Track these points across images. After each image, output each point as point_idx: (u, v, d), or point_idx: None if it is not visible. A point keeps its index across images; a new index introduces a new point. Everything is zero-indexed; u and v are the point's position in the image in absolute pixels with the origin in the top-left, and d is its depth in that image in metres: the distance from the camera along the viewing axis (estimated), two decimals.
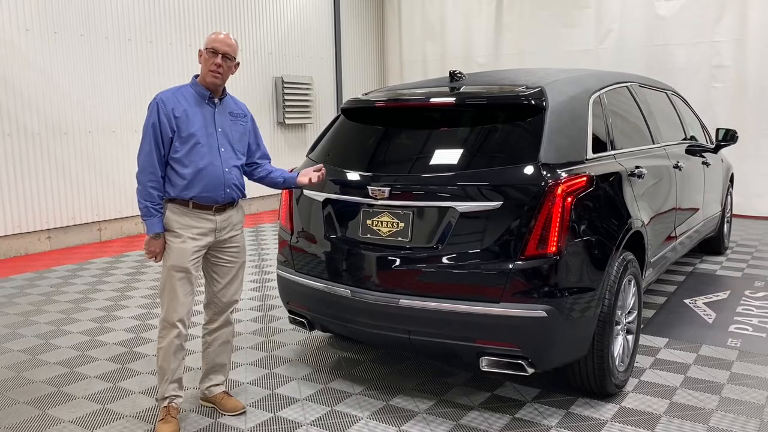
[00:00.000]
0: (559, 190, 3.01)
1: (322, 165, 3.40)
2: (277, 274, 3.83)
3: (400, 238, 3.25)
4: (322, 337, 4.42)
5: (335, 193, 3.50)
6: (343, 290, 3.35)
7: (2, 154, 6.86)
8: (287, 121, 10.16)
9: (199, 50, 3.13)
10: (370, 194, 3.30)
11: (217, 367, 3.40)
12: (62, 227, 7.46)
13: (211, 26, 8.99)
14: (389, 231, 3.27)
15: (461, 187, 3.13)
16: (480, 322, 3.03)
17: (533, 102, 3.27)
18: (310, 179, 3.32)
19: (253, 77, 9.75)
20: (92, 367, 3.98)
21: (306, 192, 3.63)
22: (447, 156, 3.34)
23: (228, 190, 3.16)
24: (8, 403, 3.50)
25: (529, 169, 3.08)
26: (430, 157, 3.37)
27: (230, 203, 3.21)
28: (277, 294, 4.78)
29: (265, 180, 3.41)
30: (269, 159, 3.48)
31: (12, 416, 3.35)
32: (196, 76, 3.18)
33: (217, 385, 3.40)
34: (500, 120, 3.33)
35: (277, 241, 3.94)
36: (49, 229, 7.35)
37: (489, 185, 3.08)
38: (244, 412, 3.36)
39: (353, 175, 3.45)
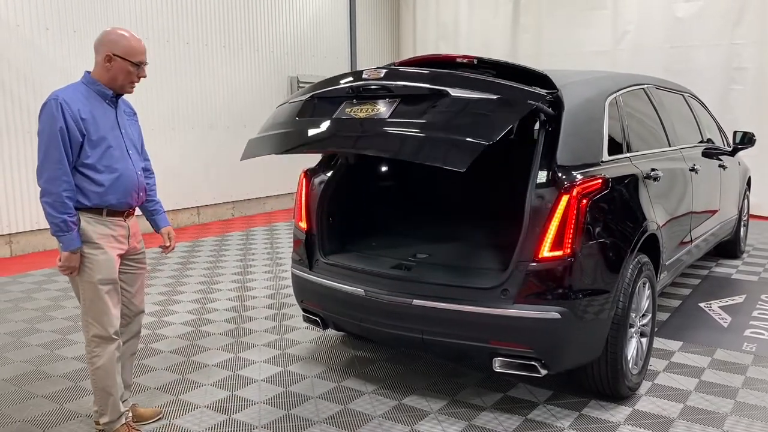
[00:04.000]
0: (575, 192, 3.01)
1: (170, 247, 3.26)
2: (292, 273, 3.85)
3: (376, 117, 3.04)
4: (335, 335, 4.44)
5: (322, 89, 3.36)
6: (357, 290, 3.36)
7: (22, 151, 6.96)
8: None
9: (110, 55, 2.85)
10: (364, 76, 3.15)
11: (125, 384, 3.14)
12: None
13: (228, 25, 9.06)
14: (366, 114, 3.06)
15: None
16: (493, 323, 3.03)
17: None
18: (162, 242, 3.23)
19: (268, 76, 9.80)
20: None
21: (293, 98, 3.53)
22: None
23: (141, 194, 3.05)
24: (27, 397, 3.56)
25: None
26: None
27: (134, 208, 3.07)
28: (290, 292, 4.81)
29: (141, 207, 3.18)
30: (150, 161, 3.27)
31: (30, 409, 3.41)
32: (89, 72, 2.93)
33: (125, 401, 3.13)
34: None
35: (290, 240, 3.97)
36: None
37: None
38: (162, 417, 3.30)
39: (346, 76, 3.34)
